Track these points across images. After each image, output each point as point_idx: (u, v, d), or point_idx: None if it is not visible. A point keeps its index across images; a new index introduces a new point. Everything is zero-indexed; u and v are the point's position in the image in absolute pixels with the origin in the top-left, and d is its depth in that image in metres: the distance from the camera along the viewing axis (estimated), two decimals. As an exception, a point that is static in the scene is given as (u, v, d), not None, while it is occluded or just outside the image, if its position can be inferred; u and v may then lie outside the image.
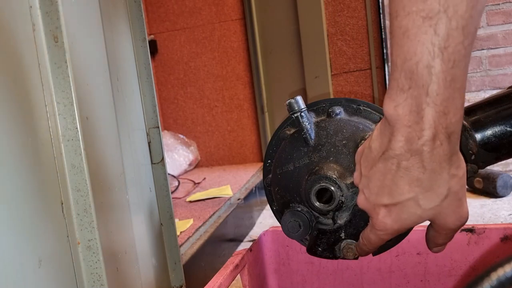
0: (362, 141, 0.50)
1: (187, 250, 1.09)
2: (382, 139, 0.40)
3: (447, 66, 0.34)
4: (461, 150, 0.46)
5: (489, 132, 0.46)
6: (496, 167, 1.80)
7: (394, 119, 0.37)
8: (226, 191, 1.62)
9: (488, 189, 1.60)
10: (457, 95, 0.35)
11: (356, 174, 0.47)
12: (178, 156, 2.07)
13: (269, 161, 0.59)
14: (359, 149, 0.46)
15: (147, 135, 0.85)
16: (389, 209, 0.41)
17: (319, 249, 0.54)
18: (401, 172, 0.38)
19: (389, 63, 1.95)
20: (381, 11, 1.91)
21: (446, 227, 0.42)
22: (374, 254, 0.55)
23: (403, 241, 0.53)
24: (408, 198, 0.39)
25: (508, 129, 0.46)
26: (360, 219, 0.51)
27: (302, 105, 0.53)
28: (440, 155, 0.37)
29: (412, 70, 0.35)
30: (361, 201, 0.45)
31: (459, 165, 0.39)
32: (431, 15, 0.33)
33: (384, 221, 0.42)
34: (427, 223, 0.44)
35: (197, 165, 2.25)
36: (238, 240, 1.46)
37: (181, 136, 2.19)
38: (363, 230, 0.49)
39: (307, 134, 0.53)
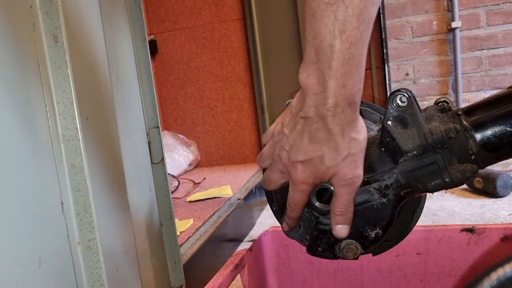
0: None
1: (187, 250, 1.09)
2: (298, 103, 0.46)
3: (345, 47, 0.40)
4: (461, 150, 0.46)
5: (489, 132, 0.46)
6: (496, 167, 1.80)
7: (306, 87, 0.43)
8: (226, 191, 1.62)
9: (488, 189, 1.60)
10: (354, 71, 0.41)
11: (277, 122, 0.51)
12: (178, 156, 2.07)
13: (269, 161, 0.59)
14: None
15: (147, 135, 0.85)
16: (304, 165, 0.47)
17: (319, 249, 0.54)
18: (313, 133, 0.45)
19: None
20: (381, 11, 1.91)
21: (343, 182, 0.47)
22: (374, 254, 0.54)
23: (403, 241, 0.53)
24: (318, 155, 0.46)
25: (508, 129, 0.46)
26: (360, 219, 0.50)
27: (302, 105, 0.53)
28: (341, 119, 0.43)
29: (319, 46, 0.41)
30: (283, 158, 0.49)
31: (359, 130, 0.45)
32: (332, 2, 0.39)
33: (301, 175, 0.48)
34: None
35: (197, 165, 2.25)
36: (238, 240, 1.46)
37: (181, 136, 2.19)
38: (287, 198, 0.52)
39: (307, 134, 0.53)
